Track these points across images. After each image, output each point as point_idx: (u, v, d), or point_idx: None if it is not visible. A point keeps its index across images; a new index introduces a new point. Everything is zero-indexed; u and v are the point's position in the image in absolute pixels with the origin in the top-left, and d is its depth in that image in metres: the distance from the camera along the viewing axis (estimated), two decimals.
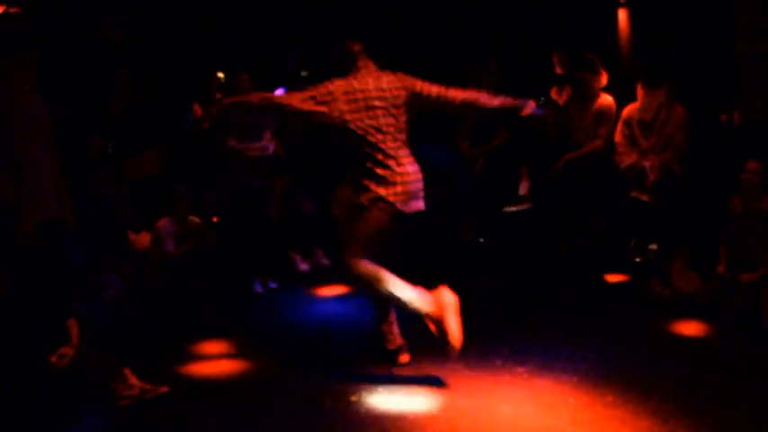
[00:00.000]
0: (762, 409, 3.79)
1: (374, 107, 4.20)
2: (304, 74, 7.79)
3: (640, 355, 4.54)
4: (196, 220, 6.08)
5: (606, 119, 6.46)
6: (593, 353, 4.52)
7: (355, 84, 4.23)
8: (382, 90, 4.25)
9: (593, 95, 6.54)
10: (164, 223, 5.93)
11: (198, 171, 6.69)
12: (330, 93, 4.17)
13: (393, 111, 4.24)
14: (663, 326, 5.02)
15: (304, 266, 6.63)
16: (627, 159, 6.22)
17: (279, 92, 7.22)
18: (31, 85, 4.75)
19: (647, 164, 6.11)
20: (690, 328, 5.00)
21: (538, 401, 3.94)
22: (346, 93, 4.18)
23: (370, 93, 4.21)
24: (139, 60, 7.37)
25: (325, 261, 6.73)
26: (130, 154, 6.46)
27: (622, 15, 8.39)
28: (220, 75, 6.66)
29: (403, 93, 4.28)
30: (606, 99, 6.55)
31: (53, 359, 4.12)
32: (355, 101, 4.18)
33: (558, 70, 7.43)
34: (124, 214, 6.14)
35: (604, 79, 6.56)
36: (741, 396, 3.94)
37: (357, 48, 4.36)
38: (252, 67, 6.47)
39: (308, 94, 4.19)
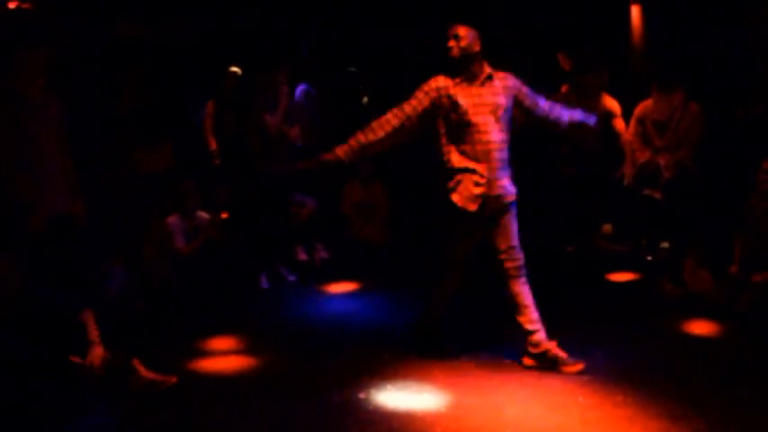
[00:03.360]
0: None
1: None
2: (309, 70, 7.79)
3: (651, 354, 4.52)
4: (205, 215, 6.09)
5: (613, 119, 6.38)
6: (602, 352, 4.50)
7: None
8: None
9: (596, 96, 6.43)
10: (173, 220, 5.95)
11: (209, 167, 6.70)
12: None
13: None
14: (674, 325, 4.99)
15: (303, 256, 6.62)
16: (641, 157, 6.19)
17: (300, 88, 7.27)
18: (44, 81, 4.75)
19: (661, 162, 6.08)
20: (701, 328, 4.96)
21: (547, 400, 3.92)
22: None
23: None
24: (154, 55, 7.37)
25: (323, 254, 6.73)
26: (144, 149, 6.48)
27: (635, 12, 8.33)
28: (236, 69, 6.65)
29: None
30: (609, 99, 6.44)
31: (80, 361, 4.10)
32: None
33: (566, 68, 7.38)
34: (136, 209, 6.16)
35: (605, 79, 6.48)
36: (752, 396, 3.90)
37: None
38: (263, 61, 6.48)
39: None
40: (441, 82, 4.23)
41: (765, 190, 5.34)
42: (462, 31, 4.20)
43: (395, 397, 4.01)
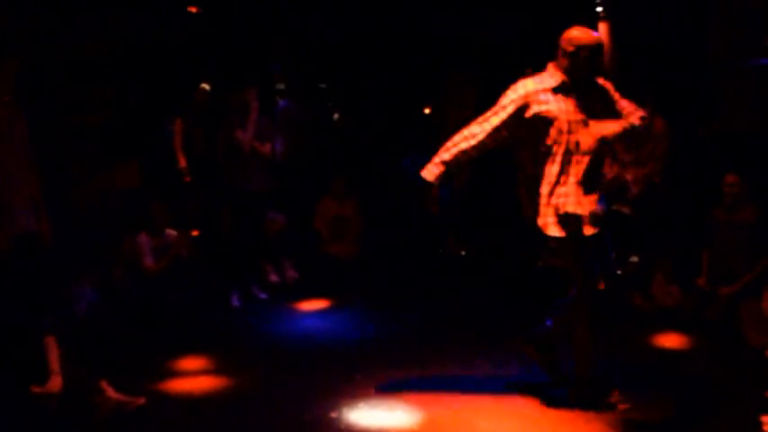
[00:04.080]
0: (741, 421, 3.79)
1: None
2: (281, 86, 7.78)
3: (621, 367, 4.54)
4: (175, 233, 6.03)
5: None
6: (573, 365, 4.51)
7: None
8: None
9: None
10: (142, 238, 5.88)
11: (179, 183, 6.64)
12: None
13: None
14: (643, 338, 5.03)
15: (274, 278, 6.60)
16: (608, 173, 6.25)
17: (282, 104, 7.28)
18: (9, 96, 4.69)
19: (629, 177, 6.14)
20: (670, 341, 5.02)
21: (519, 416, 3.92)
22: None
23: None
24: (122, 72, 7.31)
25: (293, 273, 6.70)
26: (110, 166, 6.41)
27: (602, 28, 8.44)
28: (205, 86, 6.61)
29: None
30: None
31: (40, 390, 4.03)
32: None
33: None
34: (103, 227, 6.08)
35: None
36: (720, 409, 3.95)
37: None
38: (235, 79, 6.47)
39: None
40: None
41: (729, 203, 5.43)
42: None
43: (367, 415, 3.99)
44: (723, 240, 5.47)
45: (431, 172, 3.97)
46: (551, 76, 3.88)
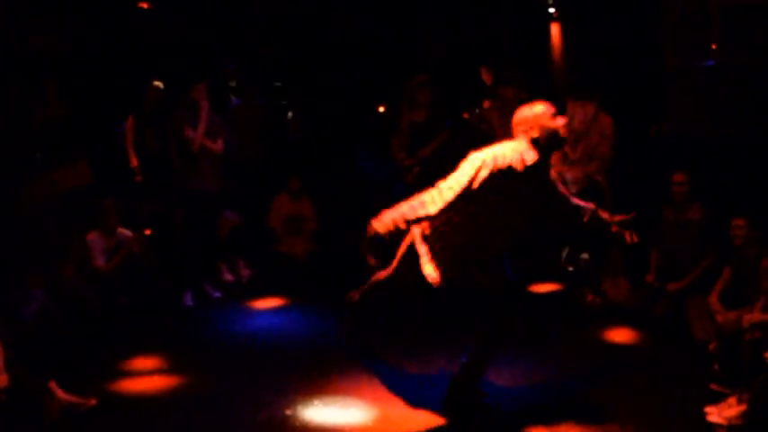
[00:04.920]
0: (686, 412, 3.90)
1: None
2: (233, 84, 7.72)
3: (572, 361, 4.63)
4: (126, 232, 5.95)
5: None
6: (526, 362, 4.58)
7: None
8: None
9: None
10: (93, 237, 5.78)
11: (131, 182, 6.54)
12: None
13: None
14: (593, 333, 5.14)
15: (228, 277, 6.56)
16: (553, 172, 6.28)
17: (235, 102, 7.23)
18: None
19: (568, 176, 6.18)
20: (619, 335, 5.13)
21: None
22: None
23: None
24: (72, 68, 7.18)
25: (246, 272, 6.67)
26: (59, 165, 6.28)
27: (555, 29, 8.57)
28: (158, 84, 6.51)
29: None
30: None
31: None
32: None
33: (488, 83, 7.52)
34: (51, 228, 5.96)
35: (525, 93, 6.62)
36: (667, 401, 4.05)
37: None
38: (188, 77, 6.39)
39: None
40: None
41: (677, 202, 5.56)
42: None
43: (322, 412, 4.00)
44: (671, 238, 5.59)
45: (384, 225, 3.60)
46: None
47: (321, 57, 8.42)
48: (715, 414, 3.83)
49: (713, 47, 7.26)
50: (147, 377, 4.59)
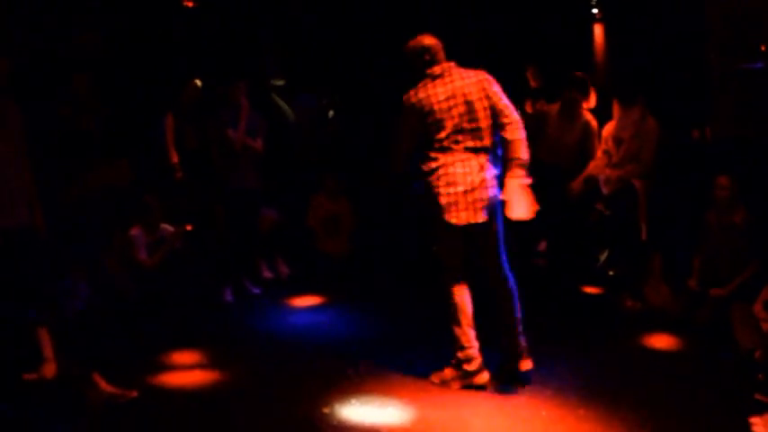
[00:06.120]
0: (730, 423, 3.83)
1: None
2: (280, 83, 7.76)
3: (612, 368, 4.57)
4: (169, 228, 6.02)
5: (593, 138, 6.45)
6: (565, 366, 4.54)
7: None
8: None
9: (580, 115, 6.50)
10: (136, 232, 5.86)
11: (171, 179, 6.62)
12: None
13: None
14: (634, 339, 5.06)
15: (267, 274, 6.61)
16: (600, 174, 6.22)
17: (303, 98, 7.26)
18: (2, 87, 4.67)
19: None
20: (660, 342, 5.05)
21: (511, 415, 3.94)
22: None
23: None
24: (114, 68, 7.29)
25: (285, 269, 6.72)
26: (102, 162, 6.38)
27: (598, 30, 8.48)
28: (198, 82, 6.58)
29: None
30: (590, 118, 6.53)
31: (33, 377, 4.02)
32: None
33: (533, 84, 7.47)
34: (96, 222, 6.06)
35: (593, 100, 6.58)
36: (710, 410, 3.98)
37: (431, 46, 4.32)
38: (228, 75, 6.44)
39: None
40: None
41: (720, 205, 5.46)
42: None
43: (359, 411, 4.00)
44: (714, 243, 5.49)
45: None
46: None
47: (363, 57, 8.44)
48: (760, 425, 3.74)
49: (762, 48, 7.10)
50: (186, 371, 4.64)
